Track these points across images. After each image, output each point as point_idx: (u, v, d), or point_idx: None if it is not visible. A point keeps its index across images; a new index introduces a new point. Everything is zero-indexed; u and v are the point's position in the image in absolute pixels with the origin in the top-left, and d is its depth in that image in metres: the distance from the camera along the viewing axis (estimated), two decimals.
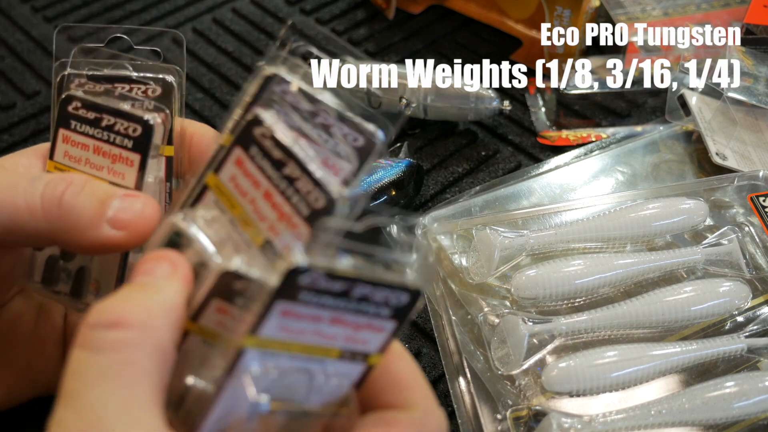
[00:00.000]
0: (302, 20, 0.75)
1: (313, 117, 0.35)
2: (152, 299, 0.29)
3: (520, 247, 0.50)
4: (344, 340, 0.30)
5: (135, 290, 0.30)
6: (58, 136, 0.41)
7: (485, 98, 0.62)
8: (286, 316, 0.28)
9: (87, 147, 0.40)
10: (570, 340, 0.46)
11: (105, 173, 0.40)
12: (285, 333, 0.29)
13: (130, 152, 0.40)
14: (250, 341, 0.28)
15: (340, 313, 0.29)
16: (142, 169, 0.40)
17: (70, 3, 0.77)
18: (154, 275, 0.30)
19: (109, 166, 0.40)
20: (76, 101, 0.40)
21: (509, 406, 0.43)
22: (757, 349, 0.46)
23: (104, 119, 0.40)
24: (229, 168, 0.34)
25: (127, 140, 0.40)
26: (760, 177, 0.54)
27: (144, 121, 0.40)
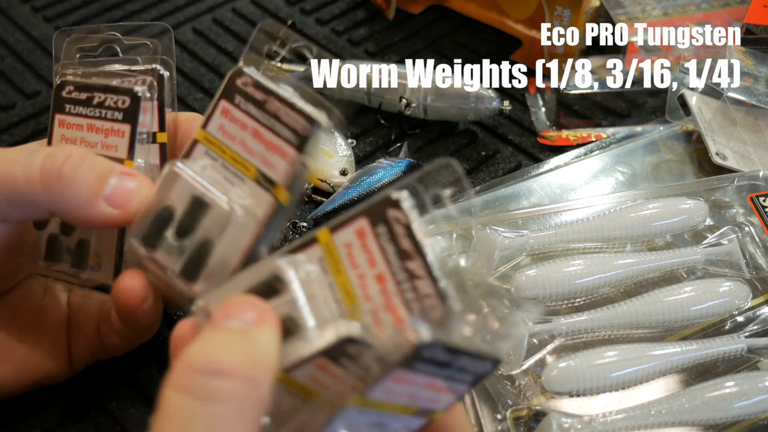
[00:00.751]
0: (302, 20, 0.75)
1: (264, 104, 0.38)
2: (253, 349, 0.29)
3: (520, 247, 0.50)
4: (426, 401, 0.31)
5: (231, 337, 0.29)
6: (54, 121, 0.42)
7: (485, 98, 0.62)
8: (395, 382, 0.29)
9: (81, 127, 0.42)
10: (570, 340, 0.46)
11: (99, 149, 0.42)
12: (386, 396, 0.29)
13: (120, 124, 0.41)
14: (355, 401, 0.29)
15: (436, 378, 0.30)
16: (133, 138, 0.42)
17: (70, 3, 0.77)
18: (243, 320, 0.30)
19: (102, 141, 0.42)
20: (69, 85, 0.42)
21: (509, 406, 0.43)
22: (757, 349, 0.46)
23: (95, 97, 0.42)
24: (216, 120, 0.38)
25: (117, 113, 0.41)
26: (760, 177, 0.54)
27: (132, 92, 0.42)
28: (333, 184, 0.58)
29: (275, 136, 0.38)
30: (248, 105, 0.39)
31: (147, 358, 0.47)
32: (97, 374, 0.46)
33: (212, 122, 0.39)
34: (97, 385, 0.46)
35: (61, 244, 0.42)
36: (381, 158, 0.59)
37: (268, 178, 0.38)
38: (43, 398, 0.45)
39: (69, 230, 0.42)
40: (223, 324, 0.30)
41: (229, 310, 0.30)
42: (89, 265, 0.41)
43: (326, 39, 0.73)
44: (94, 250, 0.41)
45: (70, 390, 0.45)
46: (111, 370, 0.46)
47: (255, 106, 0.38)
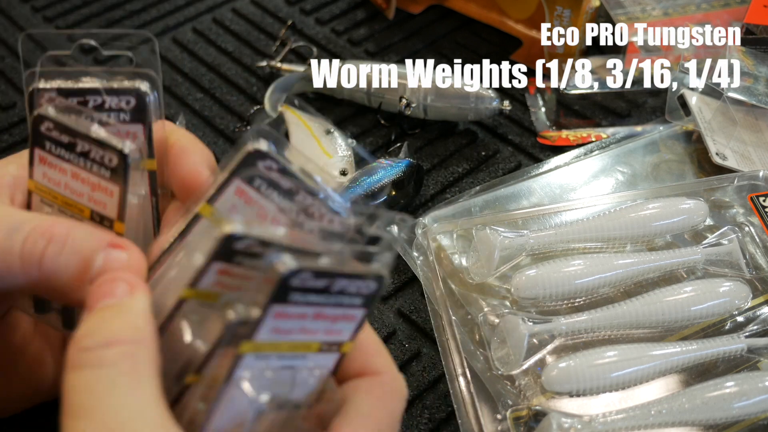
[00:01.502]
0: (302, 20, 0.75)
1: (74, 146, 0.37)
2: (130, 315, 0.32)
3: (520, 247, 0.50)
4: (323, 333, 0.32)
5: (111, 312, 0.32)
6: (34, 155, 0.38)
7: (485, 98, 0.62)
8: (278, 318, 0.30)
9: (65, 171, 0.38)
10: (570, 340, 0.46)
11: (86, 200, 0.38)
12: (276, 335, 0.31)
13: (108, 182, 0.38)
14: (246, 347, 0.30)
15: (322, 307, 0.31)
16: (123, 198, 0.38)
17: (70, 3, 0.77)
18: (116, 296, 0.32)
19: (89, 193, 0.38)
20: (48, 122, 0.38)
21: (509, 406, 0.43)
22: (757, 349, 0.46)
23: (78, 144, 0.37)
24: (37, 168, 0.37)
25: (104, 170, 0.37)
26: (760, 177, 0.54)
27: (119, 151, 0.37)
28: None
29: (92, 174, 0.37)
30: (59, 149, 0.38)
31: None
32: None
33: (35, 171, 0.38)
34: None
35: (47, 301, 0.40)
36: (381, 158, 0.59)
37: (102, 216, 0.38)
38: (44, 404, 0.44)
39: None
40: (98, 305, 0.32)
41: (103, 290, 0.33)
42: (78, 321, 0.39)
43: (326, 39, 0.73)
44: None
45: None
46: None
47: (65, 149, 0.38)
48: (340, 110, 0.66)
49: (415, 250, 0.51)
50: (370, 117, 0.65)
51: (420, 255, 0.51)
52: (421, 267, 0.50)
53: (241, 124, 0.64)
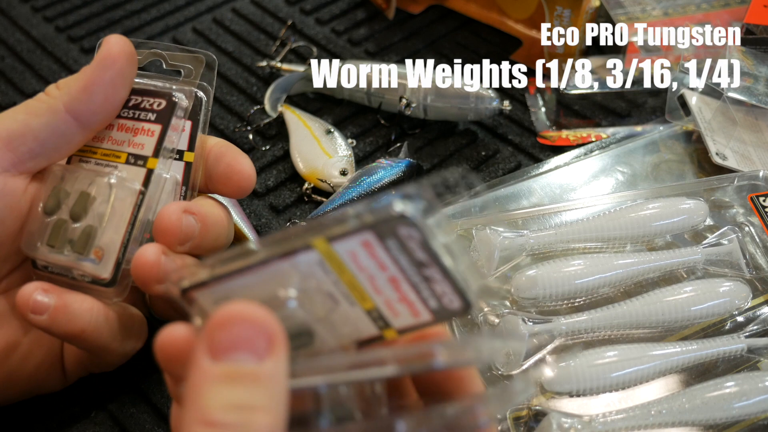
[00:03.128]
0: (302, 20, 0.75)
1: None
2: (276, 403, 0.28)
3: (520, 247, 0.50)
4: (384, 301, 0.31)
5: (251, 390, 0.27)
6: None
7: (485, 98, 0.62)
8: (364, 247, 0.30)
9: (111, 126, 0.43)
10: (570, 340, 0.46)
11: (125, 146, 0.43)
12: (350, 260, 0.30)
13: (152, 124, 0.43)
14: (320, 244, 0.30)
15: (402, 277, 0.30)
16: (162, 138, 0.43)
17: (70, 3, 0.77)
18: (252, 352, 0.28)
19: (130, 139, 0.43)
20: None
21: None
22: (757, 349, 0.46)
23: (131, 99, 0.43)
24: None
25: (150, 114, 0.43)
26: (760, 177, 0.54)
27: (170, 95, 0.43)
28: (333, 184, 0.58)
29: (137, 121, 0.43)
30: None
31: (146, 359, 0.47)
32: (97, 375, 0.46)
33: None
34: (97, 385, 0.46)
35: (65, 233, 0.41)
36: (381, 158, 0.59)
37: (138, 156, 0.43)
38: (43, 399, 0.45)
39: (78, 216, 0.41)
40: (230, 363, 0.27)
41: (231, 336, 0.28)
42: (90, 256, 0.41)
43: (326, 39, 0.73)
44: (98, 243, 0.41)
45: (69, 390, 0.45)
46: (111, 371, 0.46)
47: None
48: (340, 110, 0.66)
49: None
50: (370, 117, 0.65)
51: None
52: None
53: (241, 124, 0.64)
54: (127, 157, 0.43)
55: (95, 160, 0.43)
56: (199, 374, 0.27)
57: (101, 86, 0.41)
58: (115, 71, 0.41)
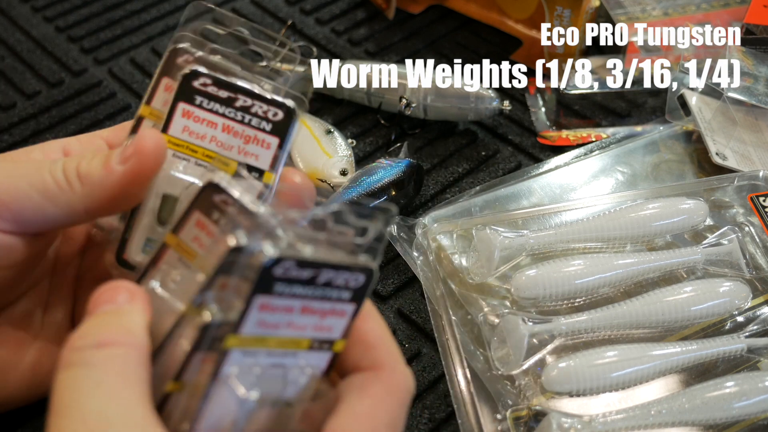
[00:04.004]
0: (302, 20, 0.75)
1: (233, 102, 0.40)
2: (127, 320, 0.32)
3: (520, 247, 0.50)
4: (313, 329, 0.32)
5: (108, 316, 0.32)
6: (176, 110, 0.40)
7: (485, 98, 0.62)
8: (263, 310, 0.30)
9: (214, 125, 0.40)
10: (570, 340, 0.46)
11: (235, 153, 0.40)
12: (262, 329, 0.30)
13: (267, 135, 0.40)
14: (232, 342, 0.30)
15: (309, 301, 0.31)
16: (280, 152, 0.40)
17: (70, 3, 0.77)
18: (116, 302, 0.33)
19: (241, 146, 0.40)
20: (203, 77, 0.40)
21: (509, 406, 0.43)
22: (757, 349, 0.46)
23: (239, 99, 0.40)
24: (177, 122, 0.39)
25: (265, 123, 0.40)
26: (760, 177, 0.54)
27: (286, 106, 0.40)
28: (333, 184, 0.58)
29: (250, 128, 0.40)
30: (213, 103, 0.40)
31: None
32: None
33: (173, 126, 0.40)
34: None
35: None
36: (381, 158, 0.59)
37: (253, 168, 0.40)
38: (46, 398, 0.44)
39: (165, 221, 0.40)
40: (97, 310, 0.33)
41: (100, 297, 0.33)
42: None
43: (326, 39, 0.73)
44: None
45: None
46: None
47: (221, 104, 0.40)
48: (340, 110, 0.66)
49: (415, 250, 0.51)
50: (370, 117, 0.65)
51: (420, 255, 0.51)
52: (421, 267, 0.50)
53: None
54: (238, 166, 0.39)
55: (196, 160, 0.40)
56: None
57: (128, 199, 0.39)
58: (146, 184, 0.39)
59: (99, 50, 0.72)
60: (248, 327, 0.30)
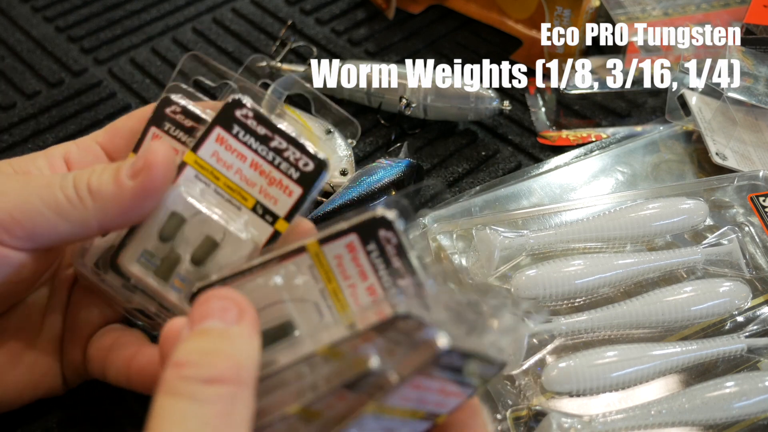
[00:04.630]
0: (302, 20, 0.75)
1: (268, 140, 0.39)
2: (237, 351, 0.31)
3: (520, 247, 0.50)
4: (434, 405, 0.31)
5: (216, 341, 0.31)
6: (212, 132, 0.40)
7: (485, 98, 0.62)
8: (413, 388, 0.29)
9: (244, 157, 0.40)
10: (570, 340, 0.46)
11: (256, 191, 0.40)
12: (402, 402, 0.29)
13: (292, 182, 0.39)
14: (372, 408, 0.29)
15: (448, 384, 0.30)
16: (299, 204, 0.39)
17: (70, 3, 0.77)
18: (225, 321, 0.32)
19: (263, 185, 0.40)
20: (246, 109, 0.40)
21: (509, 406, 0.43)
22: (757, 349, 0.46)
23: (274, 139, 0.40)
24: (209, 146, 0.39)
25: (293, 170, 0.39)
26: (760, 177, 0.54)
27: (319, 159, 0.39)
28: (333, 184, 0.58)
29: (278, 171, 0.39)
30: (248, 137, 0.40)
31: None
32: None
33: (205, 147, 0.40)
34: (97, 384, 0.46)
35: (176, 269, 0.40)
36: (381, 158, 0.59)
37: (268, 210, 0.39)
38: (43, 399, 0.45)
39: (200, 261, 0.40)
40: (203, 326, 0.31)
41: (208, 308, 0.32)
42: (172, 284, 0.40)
43: (326, 39, 0.73)
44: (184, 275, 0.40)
45: (69, 390, 0.45)
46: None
47: (256, 139, 0.40)
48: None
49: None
50: (370, 117, 0.65)
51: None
52: None
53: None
54: (255, 204, 0.40)
55: (215, 187, 0.40)
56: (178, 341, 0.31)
57: (140, 213, 0.39)
58: (158, 198, 0.39)
59: (99, 50, 0.72)
60: (392, 399, 0.29)
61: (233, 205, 0.40)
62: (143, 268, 0.40)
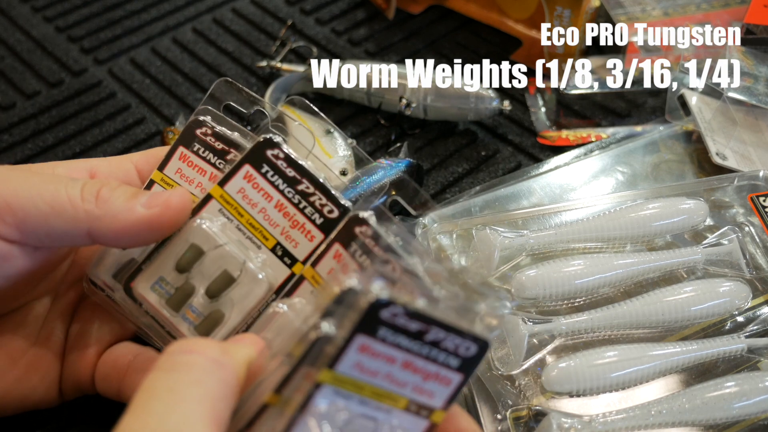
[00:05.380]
0: (302, 20, 0.75)
1: (296, 183, 0.40)
2: (227, 346, 0.32)
3: (520, 247, 0.50)
4: (412, 389, 0.30)
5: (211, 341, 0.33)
6: (240, 170, 0.40)
7: (485, 98, 0.62)
8: (363, 352, 0.28)
9: (270, 198, 0.40)
10: (570, 340, 0.46)
11: (278, 233, 0.40)
12: (359, 372, 0.29)
13: (314, 227, 0.40)
14: (326, 376, 0.28)
15: (413, 356, 0.29)
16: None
17: (70, 3, 0.77)
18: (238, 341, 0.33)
19: (286, 228, 0.40)
20: (278, 149, 0.40)
21: (509, 406, 0.43)
22: (757, 349, 0.46)
23: (303, 183, 0.40)
24: (237, 182, 0.39)
25: (317, 215, 0.40)
26: (760, 177, 0.54)
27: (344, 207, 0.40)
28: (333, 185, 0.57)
29: (301, 214, 0.40)
30: (276, 177, 0.40)
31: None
32: None
33: (233, 183, 0.40)
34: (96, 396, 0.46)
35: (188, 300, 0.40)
36: (381, 158, 0.59)
37: (287, 252, 0.40)
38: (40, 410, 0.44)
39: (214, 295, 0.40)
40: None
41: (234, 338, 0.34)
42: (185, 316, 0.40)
43: (326, 39, 0.73)
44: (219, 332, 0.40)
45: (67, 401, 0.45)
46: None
47: (284, 180, 0.40)
48: (340, 110, 0.66)
49: None
50: (370, 117, 0.65)
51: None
52: None
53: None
54: (276, 245, 0.40)
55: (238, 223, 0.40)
56: None
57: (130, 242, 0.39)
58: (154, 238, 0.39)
59: (99, 50, 0.72)
60: (345, 366, 0.28)
61: (253, 243, 0.40)
62: (157, 296, 0.40)
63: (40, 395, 0.42)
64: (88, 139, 0.64)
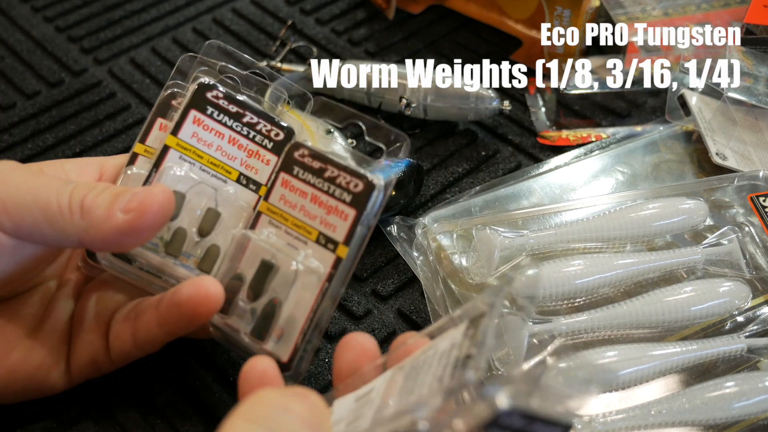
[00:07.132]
0: (302, 20, 0.75)
1: (240, 117, 0.44)
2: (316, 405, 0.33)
3: (520, 247, 0.50)
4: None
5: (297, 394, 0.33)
6: (278, 180, 0.43)
7: (485, 98, 0.62)
8: None
9: (305, 194, 0.42)
10: (570, 340, 0.46)
11: (317, 223, 0.41)
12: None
13: (346, 206, 0.41)
14: None
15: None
16: (355, 225, 0.41)
17: (70, 3, 0.77)
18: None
19: (323, 216, 0.41)
20: (304, 149, 0.43)
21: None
22: (757, 349, 0.46)
23: (328, 170, 0.42)
24: (277, 191, 0.42)
25: (346, 194, 0.41)
26: (760, 177, 0.54)
27: (367, 179, 0.41)
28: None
29: (333, 198, 0.41)
30: (306, 174, 0.42)
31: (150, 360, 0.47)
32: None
33: (273, 194, 0.43)
34: (97, 384, 0.46)
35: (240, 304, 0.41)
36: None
37: (329, 238, 0.41)
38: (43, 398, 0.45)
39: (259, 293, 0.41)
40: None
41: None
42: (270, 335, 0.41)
43: (326, 39, 0.73)
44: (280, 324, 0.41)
45: (69, 390, 0.45)
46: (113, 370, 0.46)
47: (313, 174, 0.42)
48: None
49: (415, 250, 0.51)
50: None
51: (420, 255, 0.51)
52: (421, 267, 0.50)
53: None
54: (318, 236, 0.41)
55: (285, 228, 0.42)
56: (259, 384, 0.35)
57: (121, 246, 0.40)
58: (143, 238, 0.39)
59: (99, 50, 0.72)
60: None
61: (219, 180, 0.44)
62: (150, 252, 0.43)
63: (45, 375, 0.43)
64: (88, 139, 0.64)
